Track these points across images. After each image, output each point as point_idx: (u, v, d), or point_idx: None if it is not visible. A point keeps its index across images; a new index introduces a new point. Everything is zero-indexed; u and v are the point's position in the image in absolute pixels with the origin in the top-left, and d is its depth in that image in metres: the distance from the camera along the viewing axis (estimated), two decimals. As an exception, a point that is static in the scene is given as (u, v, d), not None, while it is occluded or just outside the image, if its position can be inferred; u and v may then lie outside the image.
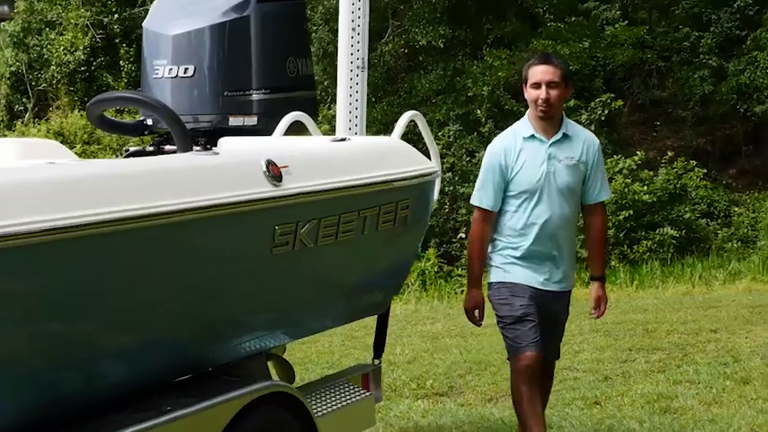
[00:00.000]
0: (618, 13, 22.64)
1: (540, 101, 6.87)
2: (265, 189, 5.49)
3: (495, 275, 7.08)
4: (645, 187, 19.52)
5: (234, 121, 6.87)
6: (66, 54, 25.62)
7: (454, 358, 10.80)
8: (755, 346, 11.21)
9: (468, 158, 20.05)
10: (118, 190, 4.94)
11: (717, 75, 21.63)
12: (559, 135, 6.98)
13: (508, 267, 7.02)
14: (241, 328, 5.89)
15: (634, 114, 22.50)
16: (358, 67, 7.29)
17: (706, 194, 20.33)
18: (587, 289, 8.66)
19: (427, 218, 7.24)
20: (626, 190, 19.42)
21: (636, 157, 19.99)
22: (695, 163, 20.40)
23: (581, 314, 12.01)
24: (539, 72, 6.90)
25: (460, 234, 19.65)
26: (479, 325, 7.23)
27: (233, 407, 5.51)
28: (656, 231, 19.29)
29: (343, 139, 6.66)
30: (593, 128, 20.05)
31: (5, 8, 38.15)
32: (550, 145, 6.95)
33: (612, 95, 21.11)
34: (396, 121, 7.22)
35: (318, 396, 6.33)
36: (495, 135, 23.06)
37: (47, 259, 4.63)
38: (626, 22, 22.39)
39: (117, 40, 26.65)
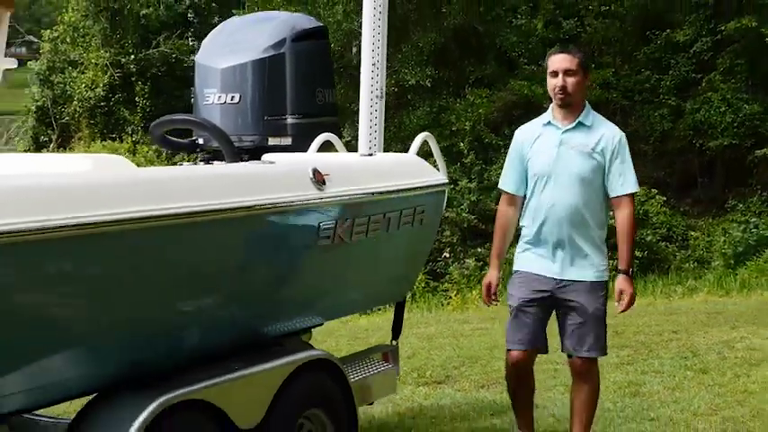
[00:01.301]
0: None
1: (557, 88, 6.67)
2: (312, 192, 5.99)
3: (514, 263, 6.85)
4: (610, 213, 19.92)
5: (272, 141, 7.11)
6: (87, 91, 25.81)
7: (448, 354, 10.88)
8: (712, 344, 11.45)
9: (452, 186, 19.94)
10: (220, 188, 5.53)
11: (675, 113, 22.01)
12: (574, 123, 6.71)
13: (522, 255, 6.81)
14: (290, 306, 6.33)
15: None
16: (377, 96, 7.54)
17: (665, 220, 20.57)
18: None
19: (438, 220, 7.57)
20: None
21: None
22: (656, 192, 20.71)
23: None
24: (556, 61, 6.70)
25: (445, 254, 20.01)
26: (488, 304, 6.95)
27: (288, 368, 5.99)
28: None
29: (370, 155, 7.12)
30: None
31: (23, 50, 38.45)
32: (564, 131, 6.71)
33: None
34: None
35: (351, 366, 6.73)
36: (476, 165, 23.35)
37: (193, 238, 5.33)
38: (592, 65, 22.12)
39: (133, 79, 26.83)
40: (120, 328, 5.22)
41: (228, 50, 7.30)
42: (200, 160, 7.26)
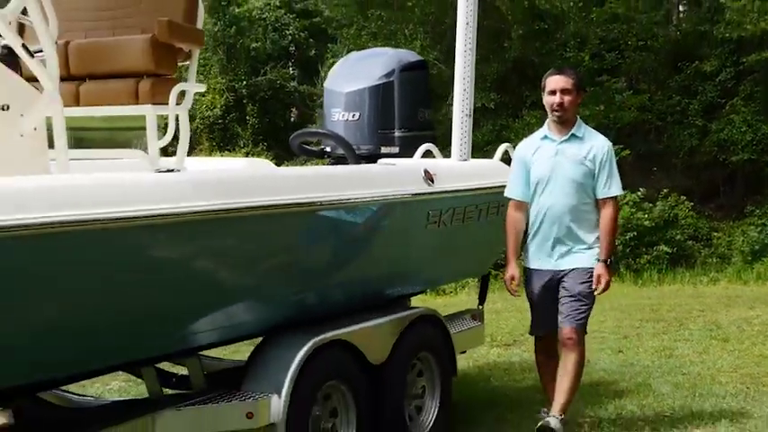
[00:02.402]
0: (625, 84, 22.41)
1: (555, 105, 6.53)
2: (424, 187, 6.51)
3: (524, 261, 6.79)
4: (645, 215, 19.58)
5: (384, 149, 7.40)
6: (207, 110, 25.85)
7: (514, 324, 11.23)
8: (732, 320, 11.76)
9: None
10: (359, 182, 6.07)
11: (701, 132, 21.57)
12: (568, 135, 6.57)
13: (530, 254, 6.71)
14: (406, 275, 6.86)
15: (637, 161, 21.63)
16: (467, 115, 7.53)
17: (692, 222, 20.33)
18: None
19: None
20: (631, 217, 19.35)
21: (639, 193, 19.87)
22: (684, 198, 20.42)
23: (605, 299, 12.99)
24: (553, 81, 6.57)
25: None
26: (514, 294, 6.75)
27: (406, 320, 6.55)
28: (654, 248, 19.30)
29: (465, 160, 7.44)
30: None
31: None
32: (560, 143, 6.57)
33: (621, 146, 20.34)
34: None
35: (451, 322, 7.15)
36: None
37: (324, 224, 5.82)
38: (631, 91, 22.28)
39: (244, 101, 26.78)
40: (288, 287, 5.81)
41: (350, 78, 7.58)
42: (328, 165, 7.52)
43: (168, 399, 5.67)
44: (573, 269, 6.53)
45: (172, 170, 5.54)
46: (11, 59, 5.25)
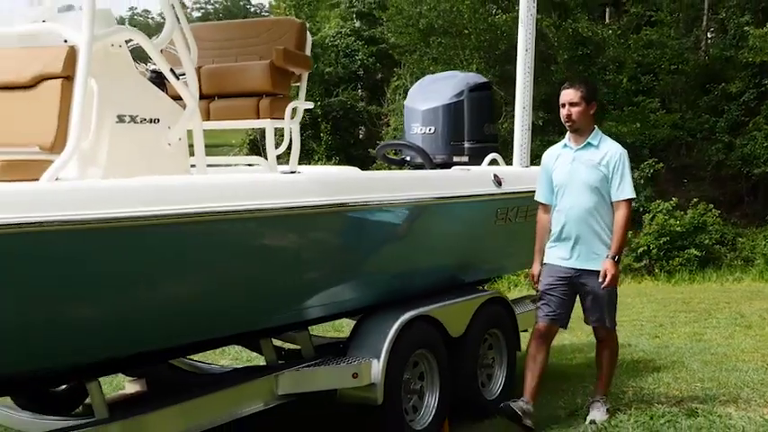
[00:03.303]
0: (658, 104, 22.41)
1: (564, 116, 6.44)
2: (494, 189, 6.91)
3: (545, 257, 6.56)
4: (677, 222, 19.69)
5: (455, 158, 7.54)
6: None
7: None
8: (755, 310, 11.93)
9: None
10: (444, 184, 6.48)
11: (727, 147, 21.65)
12: (584, 143, 6.42)
13: (549, 251, 6.51)
14: (477, 264, 7.21)
15: (670, 174, 22.14)
16: (527, 128, 7.93)
17: (719, 228, 20.29)
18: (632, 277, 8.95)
19: None
20: (665, 223, 19.59)
21: (671, 202, 20.15)
22: (712, 206, 20.36)
23: (642, 294, 13.26)
24: (564, 95, 6.46)
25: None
26: (535, 288, 6.62)
27: (480, 300, 6.90)
28: (685, 251, 19.37)
29: (526, 167, 7.76)
30: (642, 182, 20.28)
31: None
32: (576, 150, 6.45)
33: (656, 160, 21.15)
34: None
35: (515, 304, 7.42)
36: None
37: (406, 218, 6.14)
38: (664, 110, 22.33)
39: (318, 120, 26.95)
40: (383, 271, 6.21)
41: (426, 98, 7.78)
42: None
43: (283, 365, 6.01)
44: (593, 270, 6.30)
45: (294, 172, 5.98)
46: (158, 81, 5.75)
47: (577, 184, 6.40)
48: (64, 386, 6.56)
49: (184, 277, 4.91)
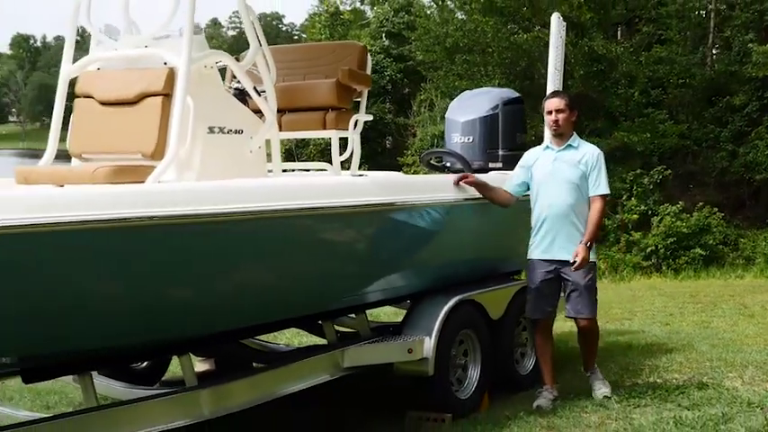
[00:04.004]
0: (667, 115, 22.31)
1: (551, 122, 6.60)
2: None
3: (528, 254, 6.71)
4: (684, 224, 19.74)
5: (491, 165, 7.76)
6: (319, 138, 25.74)
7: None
8: (756, 302, 12.11)
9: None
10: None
11: (731, 155, 21.54)
12: (564, 146, 6.63)
13: (533, 246, 6.65)
14: (512, 257, 7.41)
15: (677, 180, 21.99)
16: None
17: (723, 230, 20.33)
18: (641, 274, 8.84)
19: None
20: (672, 225, 19.63)
21: (678, 205, 20.15)
22: (716, 209, 20.41)
23: (652, 288, 13.48)
24: (550, 103, 6.66)
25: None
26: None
27: (515, 288, 7.21)
28: (691, 251, 19.46)
29: None
30: (651, 188, 20.62)
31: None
32: (558, 151, 6.64)
33: (664, 167, 21.12)
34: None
35: None
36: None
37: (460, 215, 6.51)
38: (672, 121, 22.19)
39: None
40: (433, 261, 6.56)
41: (465, 111, 8.02)
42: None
43: (347, 342, 6.38)
44: (573, 262, 6.40)
45: (361, 175, 6.42)
46: (241, 97, 6.24)
47: (559, 181, 6.56)
48: (144, 364, 7.10)
49: (264, 265, 5.32)
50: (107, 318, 4.58)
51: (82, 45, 6.36)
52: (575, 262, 6.38)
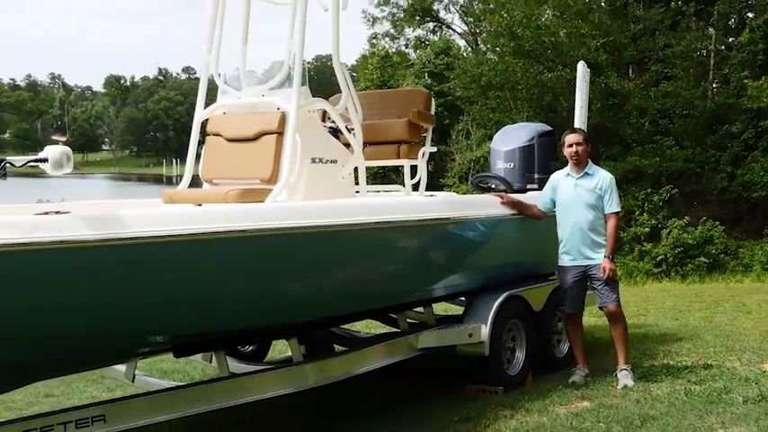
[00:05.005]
0: (673, 142, 22.23)
1: (572, 153, 6.92)
2: None
3: (558, 262, 7.03)
4: (689, 236, 19.76)
5: (529, 186, 7.95)
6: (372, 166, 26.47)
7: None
8: (754, 301, 12.24)
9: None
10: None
11: (730, 177, 21.54)
12: (582, 173, 6.93)
13: (563, 256, 6.98)
14: (549, 261, 7.54)
15: (683, 198, 21.99)
16: None
17: (723, 241, 20.33)
18: (653, 279, 8.86)
19: None
20: (679, 237, 19.62)
21: (684, 220, 20.19)
22: (717, 223, 20.47)
23: (663, 290, 13.73)
24: (570, 138, 6.97)
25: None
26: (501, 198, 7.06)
27: (553, 286, 7.56)
28: (695, 259, 19.48)
29: None
30: (660, 204, 20.69)
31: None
32: (577, 179, 6.94)
33: (671, 186, 21.23)
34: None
35: None
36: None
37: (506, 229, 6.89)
38: (678, 147, 22.16)
39: None
40: (486, 264, 7.03)
41: (507, 142, 8.23)
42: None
43: (419, 328, 6.84)
44: (595, 264, 6.77)
45: (433, 195, 6.98)
46: (335, 134, 6.83)
47: (579, 204, 6.86)
48: (250, 348, 7.53)
49: (355, 267, 5.87)
50: (238, 306, 5.11)
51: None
52: (604, 270, 6.73)
